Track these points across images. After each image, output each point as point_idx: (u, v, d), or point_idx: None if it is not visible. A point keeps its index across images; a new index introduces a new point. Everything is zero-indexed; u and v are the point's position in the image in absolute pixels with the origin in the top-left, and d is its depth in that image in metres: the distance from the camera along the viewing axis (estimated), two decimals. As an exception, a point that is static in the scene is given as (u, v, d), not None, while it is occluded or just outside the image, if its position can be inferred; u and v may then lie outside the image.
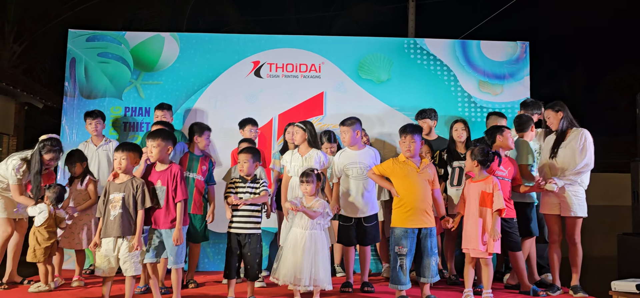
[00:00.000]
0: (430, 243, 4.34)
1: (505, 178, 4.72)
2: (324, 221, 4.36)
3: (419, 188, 4.36)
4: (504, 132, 4.83)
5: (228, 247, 4.35)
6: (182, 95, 6.28)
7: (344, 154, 4.91)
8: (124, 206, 3.95)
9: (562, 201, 4.72)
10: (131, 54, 6.37)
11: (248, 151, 4.46)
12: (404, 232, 4.31)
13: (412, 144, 4.42)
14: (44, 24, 12.03)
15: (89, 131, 5.70)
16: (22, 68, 11.84)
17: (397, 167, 4.47)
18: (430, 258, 4.33)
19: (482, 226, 4.38)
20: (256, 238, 4.34)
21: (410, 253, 4.31)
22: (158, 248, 4.14)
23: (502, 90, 6.40)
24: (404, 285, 4.30)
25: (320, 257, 4.25)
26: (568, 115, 4.83)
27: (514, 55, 6.48)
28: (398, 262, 4.30)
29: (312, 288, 4.27)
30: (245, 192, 4.35)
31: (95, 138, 5.68)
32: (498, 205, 4.36)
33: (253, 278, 4.34)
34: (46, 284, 4.69)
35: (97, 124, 5.66)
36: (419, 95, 6.34)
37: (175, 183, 4.09)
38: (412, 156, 4.45)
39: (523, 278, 4.77)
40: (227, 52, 6.39)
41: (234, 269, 4.32)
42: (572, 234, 4.73)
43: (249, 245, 4.29)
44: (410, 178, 4.38)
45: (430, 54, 6.45)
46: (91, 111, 5.75)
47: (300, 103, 6.31)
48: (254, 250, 4.29)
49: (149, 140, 4.17)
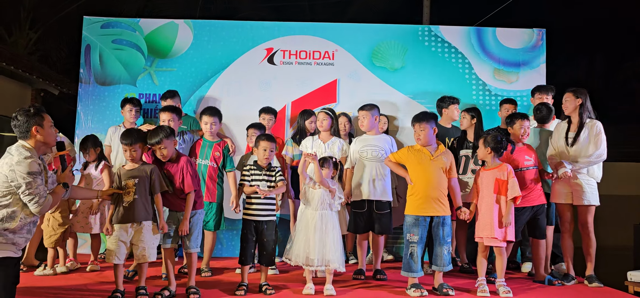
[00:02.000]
0: (443, 232, 4.31)
1: (532, 166, 4.69)
2: (334, 203, 4.35)
3: (432, 175, 4.34)
4: (526, 120, 4.80)
5: (243, 234, 4.35)
6: (195, 82, 6.30)
7: (360, 139, 4.94)
8: (138, 192, 3.97)
9: (575, 190, 4.67)
10: (145, 40, 6.40)
11: (270, 138, 4.44)
12: (415, 220, 4.31)
13: (421, 132, 4.40)
14: (59, 11, 12.11)
15: (126, 117, 5.70)
16: (38, 55, 11.94)
17: (411, 154, 4.47)
18: (443, 247, 4.31)
19: (498, 214, 4.35)
20: (273, 224, 4.36)
21: (421, 241, 4.30)
22: (175, 234, 4.17)
23: (518, 78, 6.32)
24: (415, 272, 4.29)
25: (331, 237, 4.24)
26: (587, 105, 4.74)
27: (530, 43, 6.39)
28: (409, 249, 4.30)
29: (323, 269, 4.27)
30: (261, 179, 4.33)
31: (128, 124, 5.67)
32: (514, 192, 4.34)
33: (268, 264, 4.36)
34: (51, 268, 4.77)
35: (136, 111, 5.69)
36: (433, 83, 6.29)
37: (182, 176, 4.11)
38: (424, 144, 4.42)
39: (540, 268, 4.74)
40: (240, 39, 6.38)
41: (250, 255, 4.34)
42: (585, 223, 4.68)
43: (265, 231, 4.30)
44: (423, 165, 4.37)
45: (444, 41, 6.39)
46: (131, 98, 5.77)
47: (314, 90, 6.30)
48: (271, 237, 4.32)
49: (155, 146, 4.10)
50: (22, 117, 3.37)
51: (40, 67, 9.46)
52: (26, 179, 3.24)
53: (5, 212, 3.23)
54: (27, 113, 3.39)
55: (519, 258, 5.55)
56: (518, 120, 4.77)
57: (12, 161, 3.27)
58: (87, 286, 4.44)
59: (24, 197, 3.25)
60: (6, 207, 3.24)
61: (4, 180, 3.25)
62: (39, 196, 3.28)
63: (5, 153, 3.35)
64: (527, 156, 4.73)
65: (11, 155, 3.31)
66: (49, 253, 4.80)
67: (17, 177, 3.23)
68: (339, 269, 4.27)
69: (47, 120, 3.46)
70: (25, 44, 11.88)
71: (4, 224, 3.22)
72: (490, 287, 4.34)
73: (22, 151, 3.30)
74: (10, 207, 3.25)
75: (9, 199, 3.25)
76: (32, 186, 3.25)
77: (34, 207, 3.29)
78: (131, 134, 4.09)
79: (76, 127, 6.22)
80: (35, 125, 3.37)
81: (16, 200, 3.27)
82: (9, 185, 3.25)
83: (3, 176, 3.26)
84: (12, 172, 3.24)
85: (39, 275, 4.70)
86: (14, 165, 3.25)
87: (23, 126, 3.36)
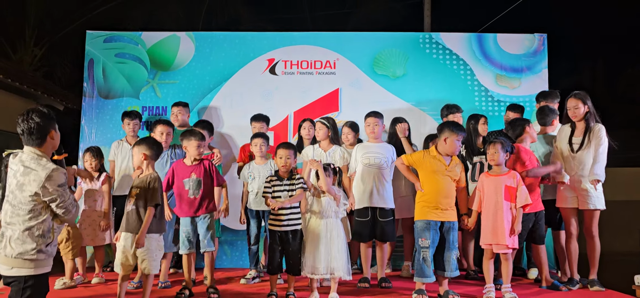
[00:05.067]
0: (452, 237, 4.34)
1: None
2: (338, 209, 4.33)
3: (444, 185, 4.35)
4: (531, 124, 4.79)
5: (270, 244, 4.34)
6: (198, 94, 6.32)
7: (362, 146, 4.95)
8: (136, 202, 3.94)
9: (580, 194, 4.65)
10: (148, 54, 6.44)
11: (289, 146, 4.43)
12: (426, 225, 4.31)
13: (452, 142, 4.34)
14: (64, 28, 12.22)
15: (126, 131, 5.73)
16: (43, 71, 12.04)
17: (427, 160, 4.45)
18: (451, 252, 4.32)
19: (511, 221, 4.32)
20: (299, 234, 4.33)
21: (433, 245, 4.30)
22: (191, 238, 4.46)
23: (520, 84, 6.32)
24: (428, 278, 4.29)
25: (336, 245, 4.22)
26: (593, 110, 4.72)
27: (531, 48, 6.39)
28: (421, 254, 4.30)
29: (329, 277, 4.25)
30: (283, 190, 4.29)
31: (130, 137, 5.70)
32: (524, 200, 4.31)
33: (296, 273, 4.33)
34: (71, 280, 4.79)
35: (135, 125, 5.71)
36: (435, 90, 6.29)
37: (211, 176, 4.58)
38: (449, 153, 4.40)
39: (545, 272, 4.72)
40: (242, 50, 6.41)
41: (277, 265, 4.32)
42: (590, 227, 4.66)
43: (292, 240, 4.27)
44: (437, 174, 4.37)
45: (446, 48, 6.40)
46: (129, 111, 5.81)
47: (316, 100, 6.31)
48: (297, 246, 4.29)
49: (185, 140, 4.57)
50: (38, 117, 2.98)
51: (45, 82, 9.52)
52: (58, 192, 2.96)
53: (42, 229, 2.98)
54: (44, 114, 3.04)
55: (525, 265, 5.51)
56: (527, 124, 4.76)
57: (39, 178, 2.93)
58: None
59: (57, 210, 3.01)
60: (43, 223, 2.99)
61: (33, 198, 2.95)
62: (71, 205, 3.06)
63: (20, 168, 2.99)
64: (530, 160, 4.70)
65: (33, 169, 2.95)
66: (69, 265, 4.81)
67: (49, 192, 2.94)
68: (344, 277, 4.25)
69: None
70: (30, 60, 11.98)
71: (44, 240, 2.98)
72: (496, 294, 4.32)
73: (44, 163, 2.98)
74: (46, 223, 3.00)
75: (44, 215, 2.99)
76: (64, 198, 3.00)
77: (67, 217, 3.10)
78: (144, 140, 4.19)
79: (80, 141, 6.24)
80: (52, 129, 3.05)
81: (49, 213, 3.02)
82: (41, 202, 2.97)
83: (32, 195, 2.94)
84: (43, 189, 2.92)
85: (60, 289, 4.66)
86: (44, 182, 2.92)
87: (40, 130, 2.98)
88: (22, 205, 2.92)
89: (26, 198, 2.92)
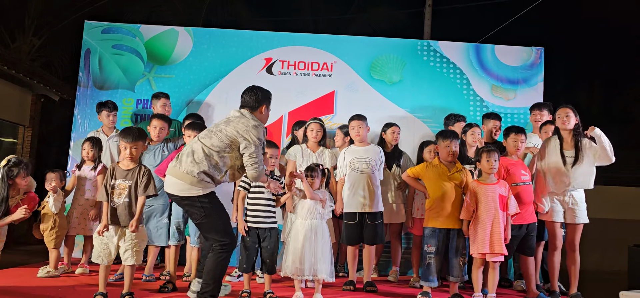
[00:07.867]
0: (457, 243, 4.44)
1: (528, 182, 4.68)
2: (324, 211, 4.32)
3: (448, 192, 4.44)
4: (521, 134, 4.79)
5: (246, 242, 4.28)
6: (193, 89, 6.31)
7: (350, 150, 4.93)
8: (130, 195, 3.95)
9: (568, 209, 4.67)
10: (145, 46, 6.43)
11: (273, 145, 4.47)
12: (432, 232, 4.45)
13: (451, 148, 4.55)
14: (63, 19, 12.20)
15: (103, 122, 5.73)
16: (41, 61, 12.00)
17: (429, 170, 4.60)
18: (458, 258, 4.44)
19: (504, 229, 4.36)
20: (275, 232, 4.33)
21: (438, 252, 4.42)
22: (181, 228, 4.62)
23: (515, 95, 6.33)
24: (432, 282, 4.43)
25: (320, 246, 4.20)
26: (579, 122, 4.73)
27: (528, 61, 6.41)
28: (426, 260, 4.43)
29: (312, 278, 4.24)
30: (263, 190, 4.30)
31: (107, 129, 5.72)
32: (515, 209, 4.40)
33: (271, 272, 4.31)
34: (55, 269, 4.76)
35: (113, 116, 5.70)
36: (431, 97, 6.30)
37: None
38: (451, 160, 4.55)
39: (531, 284, 4.71)
40: (239, 48, 6.41)
41: (252, 263, 4.29)
42: (572, 241, 4.70)
43: (268, 238, 4.26)
44: (441, 181, 4.48)
45: (443, 56, 6.41)
46: (105, 102, 5.77)
47: (311, 101, 6.30)
48: (273, 244, 4.29)
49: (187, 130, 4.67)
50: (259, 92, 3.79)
51: (41, 72, 9.48)
52: (256, 143, 3.44)
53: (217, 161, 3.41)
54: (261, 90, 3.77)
55: (511, 276, 5.49)
56: (512, 133, 4.75)
57: (247, 124, 3.48)
58: (74, 287, 4.41)
59: (246, 158, 3.40)
60: (222, 158, 3.42)
61: (234, 135, 3.45)
62: (260, 163, 3.45)
63: (232, 117, 3.58)
64: (523, 171, 4.71)
65: (244, 116, 3.55)
66: (53, 254, 4.79)
67: (249, 137, 3.42)
68: (327, 279, 4.24)
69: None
70: (28, 50, 11.94)
71: (211, 172, 3.40)
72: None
73: (255, 118, 3.59)
74: (225, 160, 3.43)
75: (228, 153, 3.42)
76: (258, 152, 3.43)
77: (252, 171, 3.44)
78: (132, 131, 4.06)
79: (72, 130, 6.22)
80: (264, 103, 3.74)
81: (232, 158, 3.44)
82: (236, 143, 3.43)
83: (234, 132, 3.46)
84: (247, 132, 3.42)
85: (43, 277, 4.66)
86: (250, 128, 3.45)
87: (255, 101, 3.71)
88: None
89: None
